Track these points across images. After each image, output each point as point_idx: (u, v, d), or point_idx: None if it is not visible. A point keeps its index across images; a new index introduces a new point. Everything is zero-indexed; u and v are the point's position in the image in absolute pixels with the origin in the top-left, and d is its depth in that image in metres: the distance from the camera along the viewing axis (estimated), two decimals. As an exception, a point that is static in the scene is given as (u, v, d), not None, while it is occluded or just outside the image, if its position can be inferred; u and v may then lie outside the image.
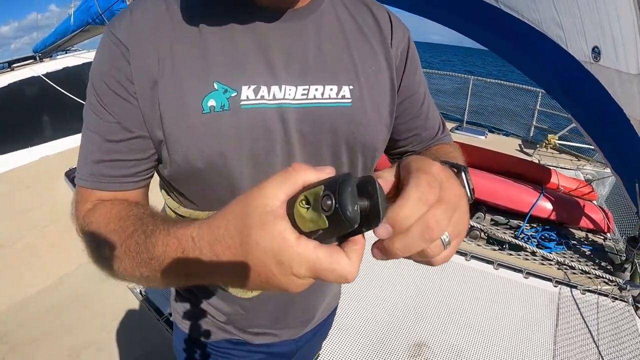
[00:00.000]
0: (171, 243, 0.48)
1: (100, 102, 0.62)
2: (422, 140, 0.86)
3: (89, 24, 4.95)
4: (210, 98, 0.59)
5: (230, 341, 0.87)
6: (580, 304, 2.44)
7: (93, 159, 0.64)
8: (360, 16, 0.74)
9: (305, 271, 0.39)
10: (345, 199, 0.35)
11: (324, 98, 0.66)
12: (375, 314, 2.33)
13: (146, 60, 0.60)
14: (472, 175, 1.96)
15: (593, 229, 3.26)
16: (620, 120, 2.62)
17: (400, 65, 0.77)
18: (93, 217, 0.62)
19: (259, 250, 0.39)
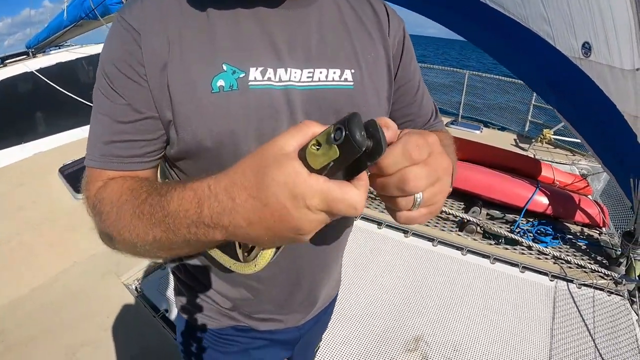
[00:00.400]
0: (187, 196, 0.50)
1: (111, 84, 0.64)
2: (416, 126, 0.90)
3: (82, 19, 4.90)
4: (219, 78, 0.62)
5: (235, 328, 0.89)
6: (577, 298, 2.46)
7: (103, 140, 0.65)
8: (360, 7, 0.78)
9: (318, 202, 0.41)
10: (354, 126, 0.39)
11: (328, 80, 0.70)
12: (372, 308, 2.34)
13: (156, 44, 0.62)
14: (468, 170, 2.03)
15: (589, 223, 3.27)
16: (613, 116, 2.62)
17: (397, 54, 0.81)
18: (104, 193, 0.63)
19: (274, 185, 0.41)
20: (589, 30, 2.55)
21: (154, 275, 2.53)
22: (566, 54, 2.76)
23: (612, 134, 2.76)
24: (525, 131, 5.97)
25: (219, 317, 0.88)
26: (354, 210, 0.42)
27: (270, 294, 0.84)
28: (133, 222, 0.56)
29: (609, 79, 2.56)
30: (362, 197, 0.42)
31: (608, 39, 2.47)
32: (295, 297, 0.87)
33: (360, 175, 0.44)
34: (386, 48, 0.78)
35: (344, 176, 0.44)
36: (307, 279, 0.86)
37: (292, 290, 0.85)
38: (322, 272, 0.89)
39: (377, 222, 3.13)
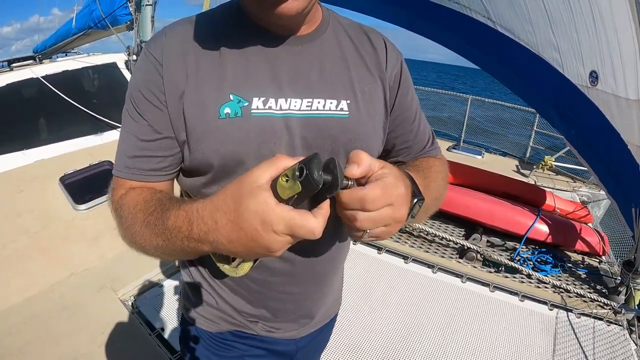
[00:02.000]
0: (180, 215, 0.62)
1: (137, 108, 0.75)
2: (411, 153, 0.97)
3: (90, 28, 4.94)
4: (226, 106, 0.72)
5: (233, 333, 0.95)
6: (576, 328, 2.45)
7: (128, 155, 0.77)
8: (359, 42, 0.86)
9: (283, 227, 0.52)
10: (313, 166, 0.49)
11: (325, 110, 0.78)
12: (371, 334, 2.32)
13: (176, 75, 0.73)
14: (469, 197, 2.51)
15: (589, 252, 3.28)
16: (617, 145, 2.64)
17: (393, 86, 0.88)
18: (125, 200, 0.75)
19: (248, 212, 0.53)
20: (596, 58, 2.58)
21: (150, 292, 2.51)
22: (574, 82, 2.79)
23: (616, 162, 2.78)
24: (526, 157, 6.01)
25: (219, 321, 0.95)
26: (313, 235, 0.53)
27: (266, 298, 0.91)
28: (142, 229, 0.69)
29: (615, 108, 2.58)
30: (320, 224, 0.53)
31: (614, 68, 2.50)
32: (288, 304, 0.93)
33: (322, 205, 0.54)
34: (383, 80, 0.85)
35: (309, 204, 0.54)
36: (301, 289, 0.92)
37: (284, 299, 0.92)
38: (317, 285, 0.95)
39: (377, 248, 3.13)
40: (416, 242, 3.30)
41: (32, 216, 2.98)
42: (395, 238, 3.29)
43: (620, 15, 2.31)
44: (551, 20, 2.73)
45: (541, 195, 3.76)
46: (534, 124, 6.05)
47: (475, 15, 3.20)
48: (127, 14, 4.45)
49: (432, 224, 3.58)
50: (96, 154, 3.61)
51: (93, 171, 3.43)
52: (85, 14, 5.03)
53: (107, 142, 3.84)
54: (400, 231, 3.41)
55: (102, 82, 4.59)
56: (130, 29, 4.60)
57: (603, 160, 2.99)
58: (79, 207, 3.06)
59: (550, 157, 5.48)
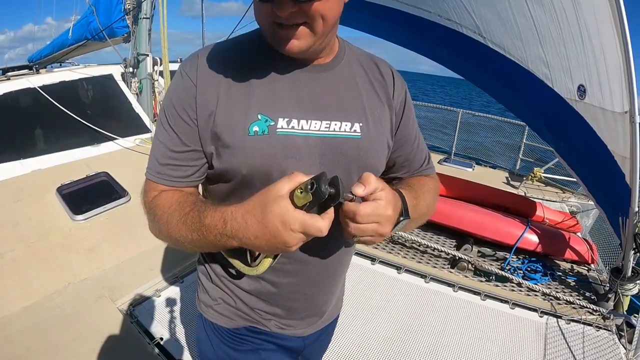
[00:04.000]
0: (216, 215, 0.75)
1: (169, 121, 0.86)
2: (410, 170, 1.10)
3: (87, 40, 4.97)
4: (255, 125, 0.82)
5: (248, 329, 1.05)
6: (566, 334, 2.49)
7: (160, 162, 0.88)
8: (371, 72, 0.98)
9: (297, 226, 0.67)
10: (320, 182, 0.65)
11: (341, 131, 0.89)
12: (364, 342, 2.35)
13: (208, 95, 0.83)
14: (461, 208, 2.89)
15: (578, 260, 3.34)
16: (604, 156, 2.71)
17: (399, 112, 1.01)
18: (159, 200, 0.87)
19: (272, 214, 0.67)
20: (584, 73, 2.66)
21: (149, 301, 2.51)
22: (563, 96, 2.87)
23: (603, 173, 2.85)
24: (516, 169, 6.11)
25: (235, 317, 1.04)
26: (320, 232, 0.67)
27: (280, 298, 1.01)
28: (179, 226, 0.81)
29: (602, 120, 2.66)
30: (326, 224, 0.68)
31: (601, 82, 2.57)
32: (300, 304, 1.04)
33: (328, 210, 0.69)
34: (390, 107, 0.98)
35: (318, 211, 0.69)
36: (312, 289, 1.03)
37: (297, 298, 1.02)
38: (326, 286, 1.06)
39: (371, 258, 3.18)
40: (409, 252, 3.35)
41: (30, 226, 2.99)
42: (388, 249, 3.35)
43: (606, 31, 2.38)
44: (540, 36, 2.81)
45: (530, 206, 3.83)
46: (523, 136, 6.16)
47: (466, 31, 3.29)
48: (124, 27, 4.50)
49: (424, 235, 3.63)
50: (93, 165, 3.62)
51: (90, 182, 3.44)
52: (82, 25, 5.06)
53: (104, 154, 3.86)
54: (394, 242, 3.48)
55: (99, 94, 4.61)
56: (127, 41, 4.64)
57: (591, 171, 3.07)
58: (76, 218, 3.07)
59: (540, 168, 5.57)
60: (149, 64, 4.49)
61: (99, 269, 2.79)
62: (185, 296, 2.60)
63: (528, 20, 2.81)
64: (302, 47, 0.77)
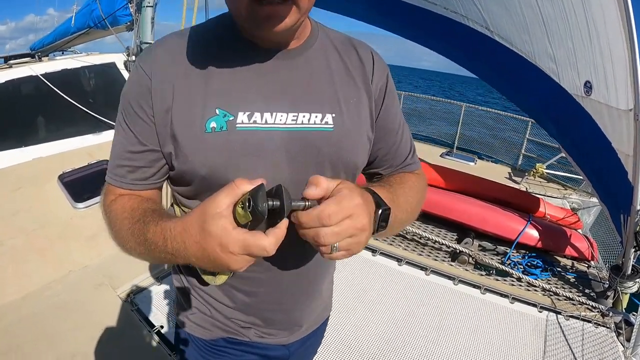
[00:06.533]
0: (157, 231, 0.69)
1: (126, 120, 0.79)
2: (393, 165, 0.99)
3: (90, 28, 4.94)
4: (212, 121, 0.74)
5: (226, 339, 0.97)
6: (565, 329, 2.51)
7: (117, 164, 0.82)
8: (347, 55, 0.88)
9: (238, 249, 0.59)
10: (257, 198, 0.56)
11: (310, 124, 0.80)
12: (363, 333, 2.35)
13: (164, 89, 0.75)
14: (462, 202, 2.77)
15: (578, 257, 3.34)
16: (608, 153, 2.71)
17: (378, 99, 0.90)
18: (114, 206, 0.81)
19: (209, 236, 0.60)
20: (590, 69, 2.66)
21: (149, 289, 2.52)
22: (569, 92, 2.86)
23: (607, 170, 2.86)
24: (518, 164, 6.09)
25: (212, 328, 0.97)
26: (266, 252, 0.59)
27: (256, 308, 0.94)
28: (127, 236, 0.75)
29: (607, 117, 2.66)
30: (272, 242, 0.59)
31: (607, 79, 2.57)
32: (277, 314, 0.96)
33: (279, 224, 0.60)
34: (369, 93, 0.88)
35: (266, 226, 0.60)
36: (289, 299, 0.95)
37: (274, 308, 0.95)
38: (304, 295, 0.97)
39: (372, 250, 3.18)
40: (409, 245, 3.35)
41: (31, 214, 2.99)
42: (389, 241, 3.35)
43: (613, 27, 2.37)
44: (548, 31, 2.80)
45: (532, 201, 3.83)
46: (526, 132, 6.14)
47: (472, 24, 3.26)
48: (127, 15, 4.46)
49: (425, 227, 3.64)
50: (94, 153, 3.62)
51: (91, 170, 3.43)
52: (85, 13, 5.02)
53: (106, 142, 3.83)
54: (395, 235, 3.47)
55: (101, 82, 4.59)
56: (130, 29, 4.60)
57: (595, 168, 3.07)
58: (77, 206, 3.07)
59: (542, 164, 5.57)
60: (152, 53, 4.45)
61: (100, 256, 2.80)
62: (186, 285, 2.59)
63: (536, 13, 2.79)
64: (288, 25, 0.68)
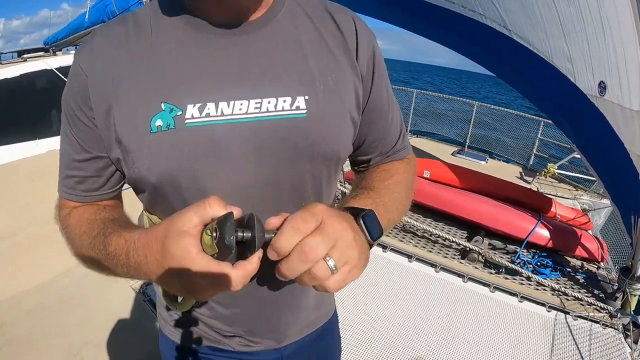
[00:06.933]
0: (120, 243, 0.61)
1: (67, 124, 0.69)
2: (381, 151, 0.86)
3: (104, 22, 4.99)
4: (157, 118, 0.62)
5: (212, 347, 0.88)
6: (573, 330, 2.50)
7: (64, 174, 0.73)
8: (323, 24, 0.72)
9: (200, 277, 0.50)
10: (223, 231, 0.47)
11: (277, 110, 0.65)
12: (374, 328, 2.37)
13: (102, 86, 0.64)
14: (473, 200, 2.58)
15: (587, 257, 3.33)
16: (620, 153, 2.70)
17: (367, 75, 0.76)
18: (69, 221, 0.73)
19: (170, 256, 0.51)
20: (604, 69, 2.65)
21: (162, 280, 2.54)
22: (584, 92, 2.86)
23: (619, 170, 2.85)
24: (529, 164, 6.06)
25: (197, 336, 0.89)
26: (230, 288, 0.51)
27: (237, 318, 0.83)
28: (88, 251, 0.66)
29: (620, 118, 2.65)
30: (239, 277, 0.51)
31: (620, 79, 2.56)
32: (260, 324, 0.85)
33: (250, 258, 0.51)
34: (354, 68, 0.73)
35: (236, 259, 0.52)
36: (271, 311, 0.83)
37: (256, 319, 0.84)
38: (288, 307, 0.85)
39: (382, 246, 3.19)
40: (420, 242, 3.36)
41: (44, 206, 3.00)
42: (399, 237, 3.36)
43: (627, 27, 2.37)
44: (564, 31, 2.79)
45: (543, 201, 3.82)
46: (538, 131, 6.11)
47: (490, 23, 3.26)
48: (141, 10, 4.50)
49: (435, 224, 3.64)
50: (58, 139, 3.66)
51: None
52: (99, 8, 5.07)
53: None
54: (405, 231, 3.48)
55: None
56: (143, 24, 4.65)
57: (608, 168, 3.06)
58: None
59: (553, 165, 5.54)
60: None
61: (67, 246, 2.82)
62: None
63: (553, 13, 2.79)
64: None
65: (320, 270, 0.51)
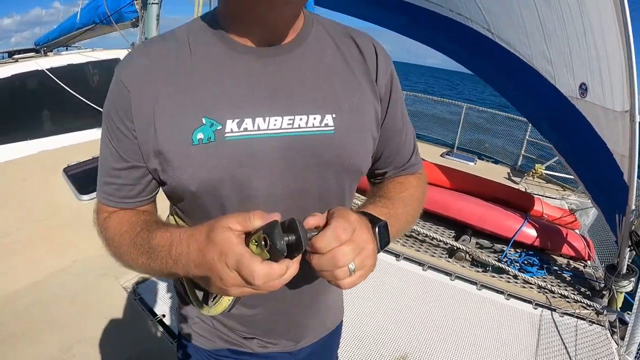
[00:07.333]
0: (165, 236, 0.68)
1: (108, 134, 0.74)
2: (396, 167, 0.94)
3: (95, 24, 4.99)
4: (199, 132, 0.68)
5: (231, 350, 0.94)
6: (559, 326, 2.54)
7: (103, 181, 0.79)
8: (346, 48, 0.80)
9: (233, 262, 0.56)
10: (274, 238, 0.54)
11: (308, 127, 0.73)
12: (361, 325, 2.40)
13: (145, 101, 0.69)
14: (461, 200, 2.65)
15: (574, 256, 3.38)
16: (603, 154, 2.74)
17: (385, 96, 0.83)
18: (109, 223, 0.79)
19: (212, 244, 0.58)
20: (586, 71, 2.69)
21: (152, 280, 2.57)
22: (565, 94, 2.90)
23: (602, 171, 2.89)
24: (518, 165, 6.12)
25: (214, 338, 0.94)
26: (252, 278, 0.55)
27: (258, 320, 0.89)
28: (129, 248, 0.73)
29: (602, 119, 2.69)
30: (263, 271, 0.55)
31: (603, 81, 2.60)
32: (280, 325, 0.92)
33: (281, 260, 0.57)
34: (373, 91, 0.80)
35: None
36: (293, 312, 0.91)
37: (277, 319, 0.90)
38: (309, 307, 0.93)
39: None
40: (408, 241, 3.40)
41: (37, 205, 3.05)
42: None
43: (609, 30, 2.41)
44: (545, 33, 2.84)
45: (530, 200, 3.87)
46: (526, 133, 6.18)
47: (475, 26, 3.31)
48: (132, 11, 4.51)
49: (423, 224, 3.68)
50: (99, 147, 3.67)
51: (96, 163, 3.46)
52: (90, 9, 5.07)
53: (111, 136, 3.92)
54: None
55: (106, 77, 4.64)
56: (135, 26, 4.65)
57: (589, 169, 3.11)
58: (82, 198, 3.13)
59: (541, 165, 5.60)
60: (157, 49, 4.51)
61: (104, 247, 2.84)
62: (188, 276, 2.65)
63: (534, 17, 2.83)
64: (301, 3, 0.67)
65: (342, 272, 0.60)
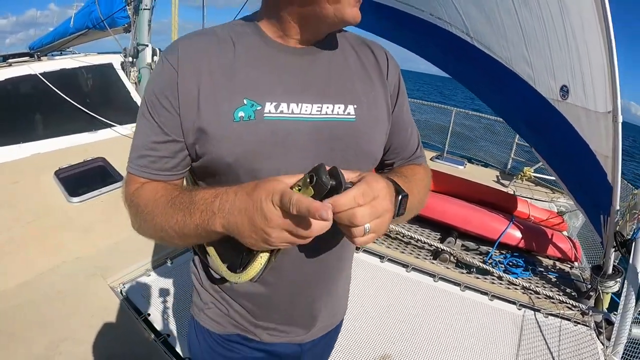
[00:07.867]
0: (210, 191, 0.73)
1: (150, 110, 0.82)
2: (403, 158, 1.06)
3: (88, 29, 5.05)
4: (240, 110, 0.78)
5: (240, 335, 1.02)
6: (543, 327, 2.55)
7: (140, 154, 0.85)
8: (363, 53, 0.95)
9: (278, 199, 0.61)
10: (321, 173, 0.61)
11: (334, 114, 0.85)
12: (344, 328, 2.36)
13: (190, 82, 0.79)
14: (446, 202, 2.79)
15: (560, 257, 3.39)
16: (586, 155, 2.76)
17: (393, 94, 0.97)
18: (141, 191, 0.84)
19: (261, 187, 0.64)
20: (567, 73, 2.71)
21: (139, 280, 2.60)
22: (545, 96, 2.92)
23: (585, 172, 2.90)
24: (507, 168, 6.16)
25: (226, 324, 1.01)
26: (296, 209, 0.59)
27: (275, 300, 0.97)
28: (165, 209, 0.77)
29: (584, 120, 2.71)
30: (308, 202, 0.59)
31: (584, 82, 2.62)
32: (296, 307, 0.99)
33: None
34: (385, 89, 0.94)
35: None
36: (309, 290, 0.98)
37: (293, 300, 0.97)
38: (323, 287, 1.01)
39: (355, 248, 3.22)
40: (392, 243, 3.42)
41: (27, 206, 3.07)
42: (372, 239, 3.40)
43: (591, 31, 2.43)
44: (525, 37, 2.86)
45: (516, 203, 3.89)
46: (515, 136, 6.21)
47: (455, 30, 3.35)
48: (125, 17, 4.57)
49: (409, 227, 3.69)
50: (91, 151, 3.71)
51: (87, 166, 3.53)
52: (84, 14, 5.13)
53: (102, 140, 3.94)
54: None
55: (98, 82, 4.68)
56: (128, 31, 4.72)
57: (572, 171, 3.13)
58: (72, 200, 3.16)
59: (530, 168, 5.64)
60: (149, 54, 4.57)
61: (93, 248, 2.87)
62: (174, 277, 2.70)
63: (514, 20, 2.85)
64: None
65: (358, 230, 0.65)
